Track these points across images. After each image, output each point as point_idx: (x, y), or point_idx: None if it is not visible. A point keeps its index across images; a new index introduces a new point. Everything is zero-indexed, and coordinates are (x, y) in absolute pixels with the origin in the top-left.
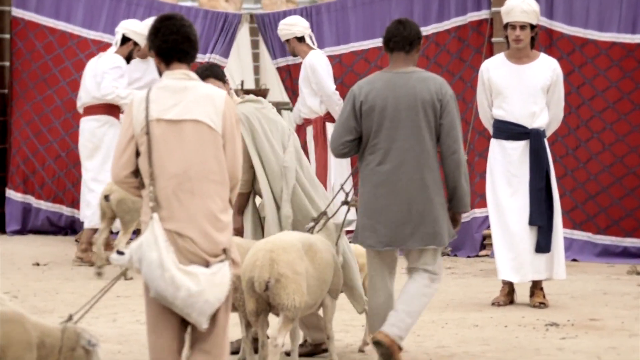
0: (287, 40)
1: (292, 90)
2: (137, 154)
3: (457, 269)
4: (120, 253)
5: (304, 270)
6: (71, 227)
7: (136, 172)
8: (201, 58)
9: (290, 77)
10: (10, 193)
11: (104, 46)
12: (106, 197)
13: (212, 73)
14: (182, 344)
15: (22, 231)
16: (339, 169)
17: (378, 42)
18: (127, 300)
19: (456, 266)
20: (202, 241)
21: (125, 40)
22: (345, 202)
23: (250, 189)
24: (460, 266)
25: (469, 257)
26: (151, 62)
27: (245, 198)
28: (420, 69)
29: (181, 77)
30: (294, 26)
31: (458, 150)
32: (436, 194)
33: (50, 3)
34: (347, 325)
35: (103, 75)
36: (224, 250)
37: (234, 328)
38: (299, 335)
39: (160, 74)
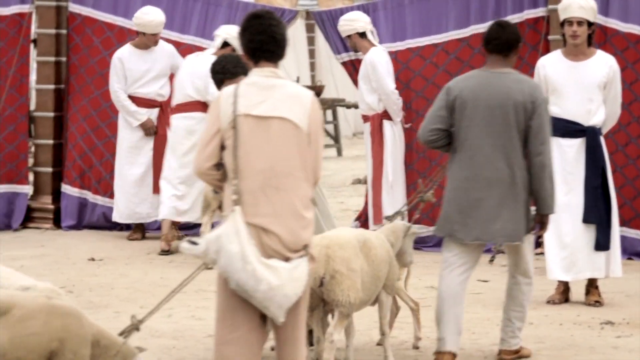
0: (349, 36)
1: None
2: (222, 147)
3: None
4: (193, 243)
5: (359, 266)
6: (126, 223)
7: (218, 165)
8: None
9: (356, 71)
10: (66, 188)
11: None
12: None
13: (243, 71)
14: (261, 337)
15: (78, 226)
16: (395, 167)
17: (434, 38)
18: (182, 295)
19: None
20: (287, 237)
21: (225, 44)
22: (421, 199)
23: None
24: None
25: None
26: (156, 51)
27: None
28: (516, 71)
29: (269, 75)
30: (355, 22)
31: (544, 152)
32: (523, 192)
33: None
34: (401, 323)
35: (207, 80)
36: (305, 246)
37: None
38: (354, 331)
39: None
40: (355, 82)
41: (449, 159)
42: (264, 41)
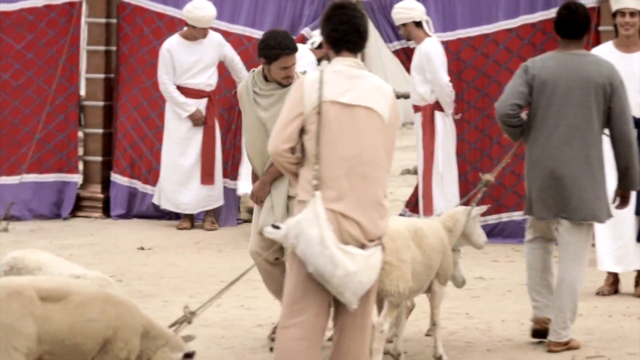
0: (404, 25)
1: None
2: (301, 131)
3: None
4: (276, 227)
5: (410, 257)
6: (175, 213)
7: (293, 149)
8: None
9: (408, 59)
10: (116, 177)
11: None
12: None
13: (295, 47)
14: (325, 324)
15: (127, 215)
16: (446, 158)
17: (485, 29)
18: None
19: None
20: (367, 225)
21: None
22: (481, 183)
23: None
24: None
25: None
26: (205, 41)
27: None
28: (591, 53)
29: (353, 65)
30: (412, 10)
31: (629, 132)
32: (599, 172)
33: None
34: (450, 313)
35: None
36: (380, 236)
37: None
38: (404, 321)
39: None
40: (407, 70)
41: (526, 138)
42: (347, 31)
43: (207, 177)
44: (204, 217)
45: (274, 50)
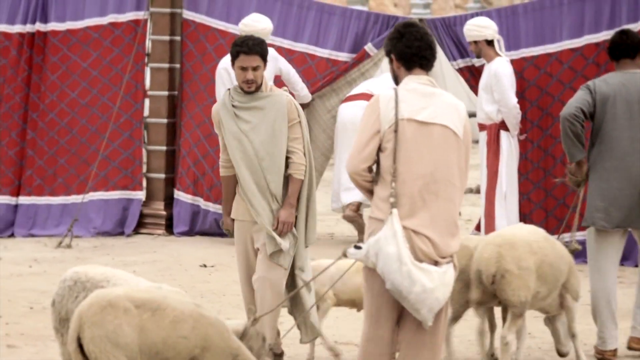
0: (475, 42)
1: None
2: (378, 149)
3: (625, 278)
4: (358, 248)
5: (532, 264)
6: None
7: (370, 167)
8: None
9: (473, 77)
10: (180, 194)
11: (275, 50)
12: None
13: (262, 50)
14: (395, 339)
15: (190, 232)
16: (510, 177)
17: (549, 48)
18: None
19: (624, 275)
20: (438, 242)
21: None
22: (567, 247)
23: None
24: (628, 275)
25: (636, 266)
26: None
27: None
28: None
29: (426, 83)
30: (486, 28)
31: None
32: None
33: (221, 6)
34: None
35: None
36: (451, 255)
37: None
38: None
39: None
40: (472, 87)
41: (590, 153)
42: (421, 47)
43: None
44: None
45: (235, 48)
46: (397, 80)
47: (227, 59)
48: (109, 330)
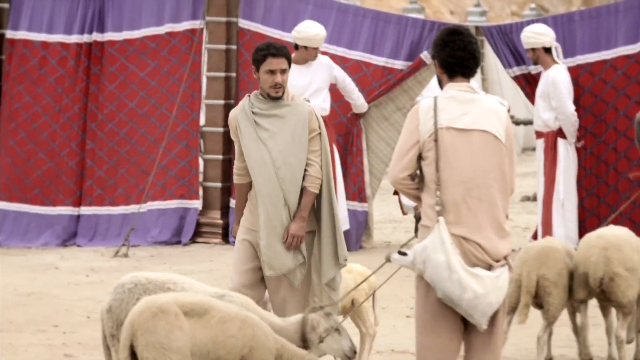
0: (533, 49)
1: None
2: (419, 158)
3: None
4: (403, 254)
5: (637, 264)
6: None
7: (412, 176)
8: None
9: (529, 84)
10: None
11: (330, 58)
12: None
13: (288, 53)
14: (459, 345)
15: None
16: (567, 185)
17: (604, 54)
18: None
19: None
20: (488, 246)
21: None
22: None
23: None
24: None
25: None
26: (314, 64)
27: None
28: None
29: (466, 90)
30: (544, 36)
31: None
32: None
33: (277, 14)
34: (571, 341)
35: None
36: (505, 257)
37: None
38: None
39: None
40: (527, 95)
41: None
42: (464, 57)
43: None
44: None
45: (260, 52)
46: (441, 84)
47: None
48: (162, 336)
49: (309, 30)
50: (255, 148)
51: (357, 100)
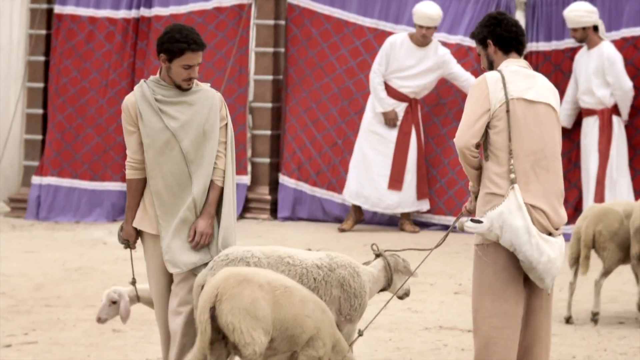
0: (583, 28)
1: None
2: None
3: None
4: (477, 221)
5: None
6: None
7: (478, 143)
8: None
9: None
10: (284, 179)
11: (379, 34)
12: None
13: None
14: (522, 310)
15: (294, 217)
16: (620, 161)
17: None
18: None
19: None
20: (552, 214)
21: None
22: None
23: None
24: None
25: None
26: (429, 50)
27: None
28: None
29: (525, 66)
30: (594, 14)
31: None
32: None
33: None
34: (614, 296)
35: None
36: (563, 224)
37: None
38: None
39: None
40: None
41: None
42: (518, 32)
43: (395, 182)
44: (400, 220)
45: (178, 44)
46: (492, 65)
47: (399, 35)
48: (247, 303)
49: (426, 9)
50: (162, 139)
51: (469, 80)
